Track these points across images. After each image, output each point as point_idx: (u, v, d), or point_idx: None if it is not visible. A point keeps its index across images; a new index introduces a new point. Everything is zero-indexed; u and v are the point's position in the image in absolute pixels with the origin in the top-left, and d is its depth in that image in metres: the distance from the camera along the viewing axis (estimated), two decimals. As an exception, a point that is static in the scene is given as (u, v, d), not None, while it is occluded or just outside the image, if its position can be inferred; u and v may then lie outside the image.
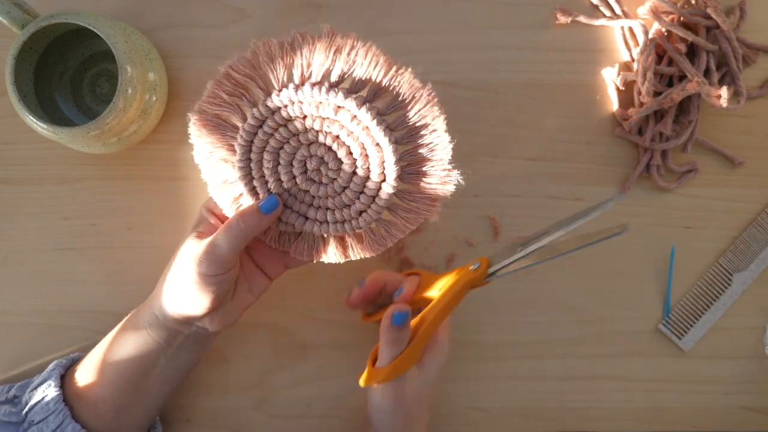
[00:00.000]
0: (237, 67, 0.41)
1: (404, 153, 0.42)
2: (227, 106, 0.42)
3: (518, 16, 0.55)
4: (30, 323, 0.53)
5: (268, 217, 0.42)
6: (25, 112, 0.46)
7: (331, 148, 0.42)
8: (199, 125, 0.43)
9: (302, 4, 0.55)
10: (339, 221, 0.44)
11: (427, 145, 0.41)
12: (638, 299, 0.55)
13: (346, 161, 0.42)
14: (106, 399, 0.45)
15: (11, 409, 0.46)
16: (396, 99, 0.41)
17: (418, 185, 0.42)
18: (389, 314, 0.42)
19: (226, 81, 0.42)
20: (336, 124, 0.41)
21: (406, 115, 0.41)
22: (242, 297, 0.46)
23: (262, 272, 0.47)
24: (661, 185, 0.54)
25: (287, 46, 0.40)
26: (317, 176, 0.43)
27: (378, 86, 0.40)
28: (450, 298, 0.44)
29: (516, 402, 0.54)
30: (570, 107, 0.55)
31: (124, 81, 0.46)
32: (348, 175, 0.42)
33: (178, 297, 0.43)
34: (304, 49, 0.40)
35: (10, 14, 0.45)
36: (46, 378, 0.46)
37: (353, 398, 0.53)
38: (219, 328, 0.46)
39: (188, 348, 0.46)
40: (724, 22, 0.52)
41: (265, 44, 0.41)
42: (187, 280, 0.42)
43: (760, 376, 0.54)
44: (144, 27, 0.54)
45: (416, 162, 0.42)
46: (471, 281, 0.44)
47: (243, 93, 0.42)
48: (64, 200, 0.53)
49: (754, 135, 0.55)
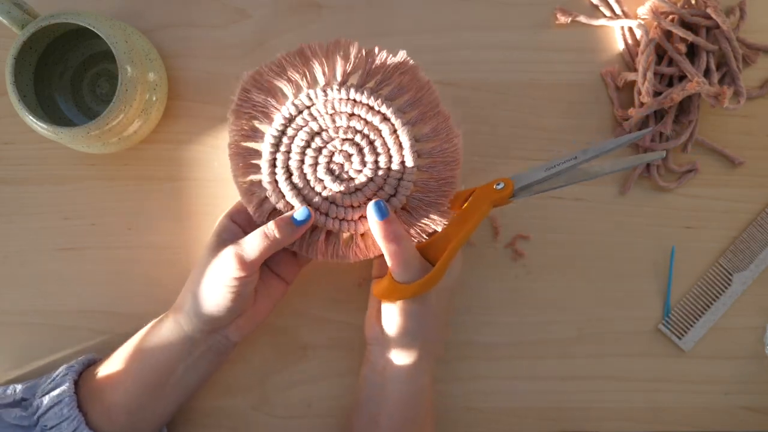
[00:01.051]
0: (314, 49, 0.45)
1: (419, 179, 0.46)
2: (286, 79, 0.45)
3: (518, 16, 0.55)
4: (30, 323, 0.53)
5: (300, 228, 0.44)
6: (25, 112, 0.46)
7: (362, 150, 0.45)
8: (251, 84, 0.45)
9: (302, 4, 0.55)
10: (338, 218, 0.46)
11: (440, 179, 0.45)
12: (638, 299, 0.55)
13: (370, 167, 0.45)
14: (120, 404, 0.45)
15: (22, 413, 0.46)
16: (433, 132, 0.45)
17: (418, 212, 0.46)
18: (371, 212, 0.43)
19: (298, 56, 0.45)
20: (376, 132, 0.45)
21: (435, 148, 0.45)
22: (262, 303, 0.48)
23: (278, 277, 0.49)
24: (661, 185, 0.54)
25: (364, 52, 0.45)
26: (338, 170, 0.45)
27: (423, 115, 0.45)
28: (474, 217, 0.45)
29: (515, 402, 0.54)
30: (570, 107, 0.55)
31: (124, 81, 0.46)
32: (366, 179, 0.45)
33: (205, 303, 0.45)
34: (376, 60, 0.45)
35: (10, 14, 0.45)
36: (60, 383, 0.46)
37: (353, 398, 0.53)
38: (239, 337, 0.47)
39: (207, 359, 0.47)
40: (724, 22, 0.52)
41: (346, 42, 0.44)
42: (217, 284, 0.44)
43: (760, 376, 0.54)
44: (144, 27, 0.54)
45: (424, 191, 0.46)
46: (495, 200, 0.45)
47: (305, 74, 0.45)
48: (64, 200, 0.53)
49: (754, 135, 0.55)
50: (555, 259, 0.54)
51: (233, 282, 0.43)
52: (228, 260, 0.43)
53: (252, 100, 0.45)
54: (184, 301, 0.46)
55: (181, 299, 0.47)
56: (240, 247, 0.43)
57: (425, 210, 0.46)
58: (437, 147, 0.45)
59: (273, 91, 0.45)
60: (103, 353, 0.50)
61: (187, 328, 0.46)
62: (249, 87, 0.45)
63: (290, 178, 0.45)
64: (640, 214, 0.55)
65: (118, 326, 0.53)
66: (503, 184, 0.45)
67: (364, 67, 0.45)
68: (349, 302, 0.53)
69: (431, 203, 0.46)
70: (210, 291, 0.44)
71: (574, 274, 0.54)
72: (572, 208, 0.54)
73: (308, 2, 0.55)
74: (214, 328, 0.46)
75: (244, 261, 0.43)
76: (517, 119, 0.55)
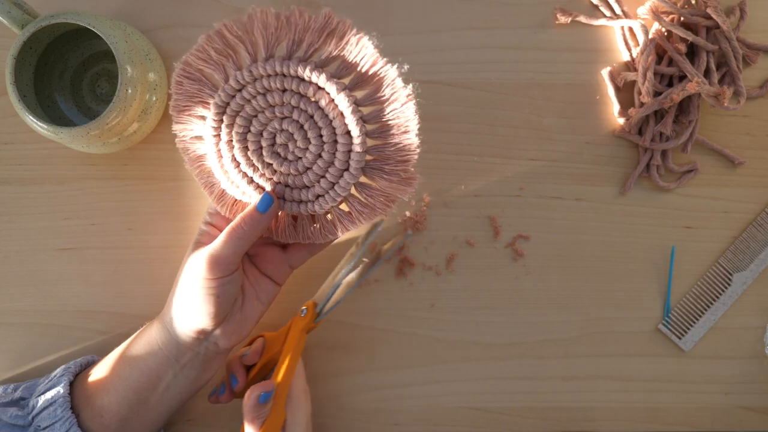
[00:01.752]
0: (231, 28, 0.41)
1: (372, 147, 0.42)
2: (212, 63, 0.42)
3: (518, 16, 0.55)
4: (30, 323, 0.53)
5: (266, 216, 0.42)
6: (25, 112, 0.46)
7: (303, 127, 0.42)
8: (182, 76, 0.43)
9: (301, 3, 0.55)
10: (295, 200, 0.44)
11: (395, 145, 0.41)
12: (638, 299, 0.55)
13: (314, 143, 0.42)
14: (112, 409, 0.45)
15: (18, 412, 0.46)
16: (375, 93, 0.41)
17: (379, 182, 0.42)
18: (255, 394, 0.42)
19: (218, 38, 0.42)
20: (313, 104, 0.41)
21: (381, 110, 0.41)
22: (251, 306, 0.46)
23: (267, 278, 0.47)
24: (661, 185, 0.54)
25: (283, 18, 0.41)
26: (283, 151, 0.43)
27: (361, 77, 0.41)
28: (292, 350, 0.46)
29: (516, 402, 0.54)
30: (570, 107, 0.55)
31: (124, 81, 0.46)
32: (313, 156, 0.42)
33: (185, 307, 0.43)
34: (299, 25, 0.41)
35: (10, 14, 0.45)
36: (55, 384, 0.46)
37: (353, 398, 0.53)
38: (230, 343, 0.45)
39: (196, 366, 0.46)
40: (724, 22, 0.52)
41: (262, 12, 0.41)
42: (192, 289, 0.42)
43: (760, 376, 0.54)
44: (144, 27, 0.54)
45: (382, 159, 0.42)
46: (304, 327, 0.47)
47: (231, 54, 0.42)
48: (64, 200, 0.53)
49: (754, 135, 0.55)
50: (555, 259, 0.54)
51: (208, 284, 0.42)
52: (199, 262, 0.42)
53: (187, 91, 0.43)
54: (169, 307, 0.45)
55: (167, 304, 0.46)
56: (211, 246, 0.42)
57: (387, 179, 0.42)
58: (383, 109, 0.41)
59: (204, 79, 0.43)
60: (103, 353, 0.49)
61: (173, 333, 0.45)
62: (181, 78, 0.43)
63: (239, 166, 0.43)
64: (640, 214, 0.55)
65: (118, 326, 0.53)
66: (305, 308, 0.48)
67: (289, 35, 0.41)
68: (349, 302, 0.53)
69: (392, 172, 0.42)
70: (187, 296, 0.43)
71: (574, 274, 0.54)
72: (572, 208, 0.54)
73: (308, 2, 0.55)
74: (200, 334, 0.44)
75: (216, 260, 0.42)
76: (517, 119, 0.55)
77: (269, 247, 0.48)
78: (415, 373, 0.54)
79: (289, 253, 0.48)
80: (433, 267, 0.54)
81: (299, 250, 0.48)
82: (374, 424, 0.53)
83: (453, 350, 0.54)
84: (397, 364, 0.54)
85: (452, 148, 0.54)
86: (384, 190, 0.43)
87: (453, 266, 0.54)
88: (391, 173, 0.42)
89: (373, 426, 0.53)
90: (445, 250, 0.54)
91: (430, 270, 0.54)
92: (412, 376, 0.54)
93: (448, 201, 0.54)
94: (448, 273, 0.54)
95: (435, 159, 0.54)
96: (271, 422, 0.43)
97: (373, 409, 0.53)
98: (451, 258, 0.54)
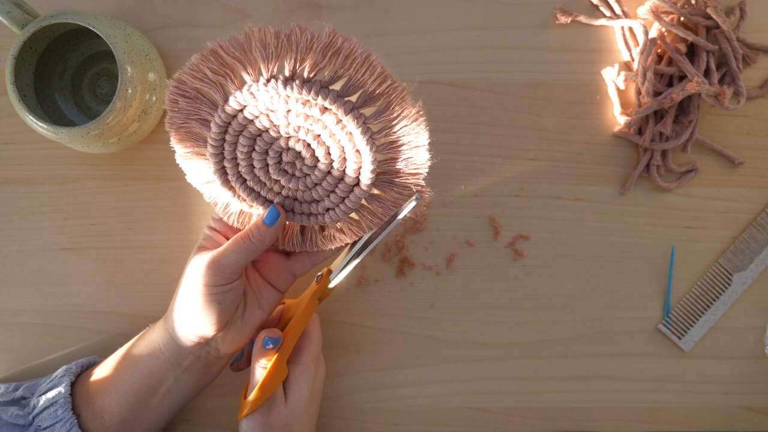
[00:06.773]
0: (226, 47, 0.39)
1: (382, 161, 0.41)
2: (209, 82, 0.40)
3: (518, 16, 0.55)
4: (30, 323, 0.53)
5: (273, 229, 0.43)
6: (25, 112, 0.46)
7: (310, 146, 0.41)
8: (176, 94, 0.41)
9: (302, 4, 0.55)
10: (305, 213, 0.44)
11: (406, 160, 0.41)
12: (638, 299, 0.55)
13: (323, 161, 0.41)
14: (112, 410, 0.45)
15: (18, 412, 0.46)
16: (385, 110, 0.40)
17: (389, 194, 0.42)
18: (261, 337, 0.44)
19: (213, 58, 0.39)
20: (320, 124, 0.40)
21: (392, 127, 0.40)
22: (252, 313, 0.46)
23: (270, 285, 0.47)
24: (661, 185, 0.54)
25: (284, 37, 0.38)
26: (290, 168, 0.43)
27: (369, 94, 0.39)
28: (302, 312, 0.46)
29: (516, 402, 0.54)
30: (570, 107, 0.55)
31: (124, 81, 0.46)
32: (322, 174, 0.42)
33: (187, 313, 0.43)
34: (300, 43, 0.38)
35: (10, 14, 0.45)
36: (57, 384, 0.46)
37: (353, 398, 0.53)
38: (230, 349, 0.45)
39: (197, 370, 0.46)
40: (724, 22, 0.52)
41: (260, 31, 0.39)
42: (194, 294, 0.43)
43: (760, 376, 0.54)
44: (144, 27, 0.54)
45: (391, 172, 0.42)
46: (317, 292, 0.47)
47: (228, 74, 0.40)
48: (64, 200, 0.54)
49: (754, 135, 0.55)
50: (555, 259, 0.54)
51: (211, 291, 0.42)
52: (202, 267, 0.42)
53: (183, 109, 0.41)
54: (171, 310, 0.45)
55: (170, 307, 0.46)
56: (215, 254, 0.42)
57: (399, 192, 0.42)
58: (393, 126, 0.40)
59: (201, 96, 0.41)
60: (103, 353, 0.50)
61: (175, 337, 0.45)
62: (175, 97, 0.41)
63: (245, 183, 0.43)
64: (640, 214, 0.55)
65: (118, 326, 0.53)
66: (320, 274, 0.48)
67: (291, 54, 0.39)
68: (349, 302, 0.53)
69: (402, 184, 0.42)
70: (189, 301, 0.43)
71: (574, 274, 0.54)
72: (572, 208, 0.54)
73: (308, 2, 0.55)
74: (201, 340, 0.44)
75: (219, 268, 0.42)
76: (517, 119, 0.55)
77: (273, 254, 0.48)
78: (415, 373, 0.54)
79: (292, 261, 0.48)
80: (433, 267, 0.54)
81: (303, 258, 0.48)
82: (374, 424, 0.53)
83: (453, 350, 0.54)
84: (397, 364, 0.54)
85: (452, 148, 0.54)
86: (395, 202, 0.43)
87: (453, 266, 0.54)
88: (401, 186, 0.42)
89: (373, 426, 0.53)
90: (445, 250, 0.54)
91: (430, 270, 0.54)
92: (412, 376, 0.54)
93: (448, 201, 0.54)
94: (448, 273, 0.54)
95: (435, 159, 0.54)
96: (271, 373, 0.44)
97: (373, 409, 0.54)
98: (451, 258, 0.54)
